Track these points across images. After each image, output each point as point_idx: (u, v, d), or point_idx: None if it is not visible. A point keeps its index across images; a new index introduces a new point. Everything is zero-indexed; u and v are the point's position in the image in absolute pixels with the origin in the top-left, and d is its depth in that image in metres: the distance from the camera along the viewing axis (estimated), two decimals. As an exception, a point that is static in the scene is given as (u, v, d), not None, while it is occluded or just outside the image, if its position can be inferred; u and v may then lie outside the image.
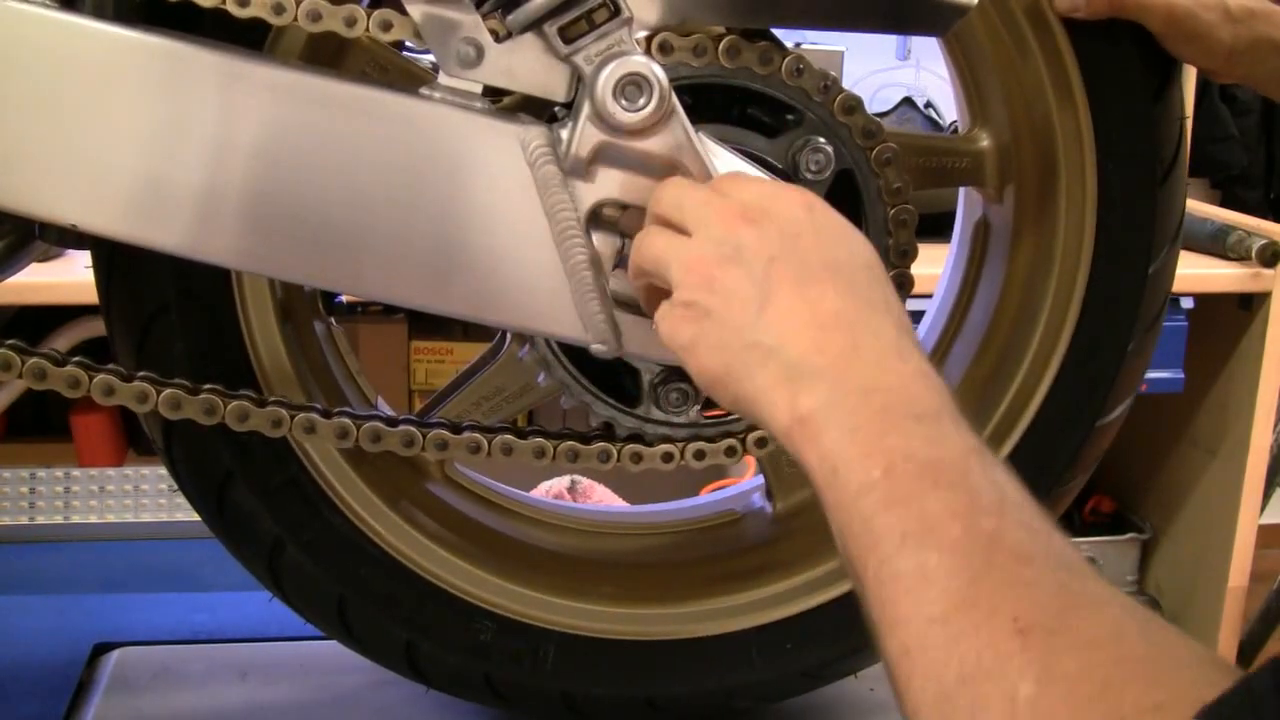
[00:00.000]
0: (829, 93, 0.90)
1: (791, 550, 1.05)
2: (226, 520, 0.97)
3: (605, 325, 0.84)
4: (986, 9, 0.94)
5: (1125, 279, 0.99)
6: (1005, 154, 1.01)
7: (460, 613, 1.00)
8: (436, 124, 0.82)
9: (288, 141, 0.81)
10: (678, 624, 1.03)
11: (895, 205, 0.92)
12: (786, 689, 1.07)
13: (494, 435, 0.93)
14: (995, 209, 1.05)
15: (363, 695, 1.11)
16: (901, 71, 2.84)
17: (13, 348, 0.85)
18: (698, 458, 0.97)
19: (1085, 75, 0.95)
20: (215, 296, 0.92)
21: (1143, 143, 0.96)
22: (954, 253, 1.10)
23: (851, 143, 0.91)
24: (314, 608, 1.00)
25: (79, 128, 0.79)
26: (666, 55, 0.85)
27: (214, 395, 0.88)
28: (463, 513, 1.06)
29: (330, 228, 0.82)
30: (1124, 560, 2.65)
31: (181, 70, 0.80)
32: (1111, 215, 0.98)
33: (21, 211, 0.81)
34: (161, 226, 0.81)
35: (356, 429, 0.91)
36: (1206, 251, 2.32)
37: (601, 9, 0.81)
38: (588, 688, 1.03)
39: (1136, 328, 1.00)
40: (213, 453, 0.94)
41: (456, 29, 0.81)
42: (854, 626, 1.03)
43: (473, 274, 0.84)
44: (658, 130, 0.82)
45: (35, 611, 1.28)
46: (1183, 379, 2.40)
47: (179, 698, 1.13)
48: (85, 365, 0.86)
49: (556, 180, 0.82)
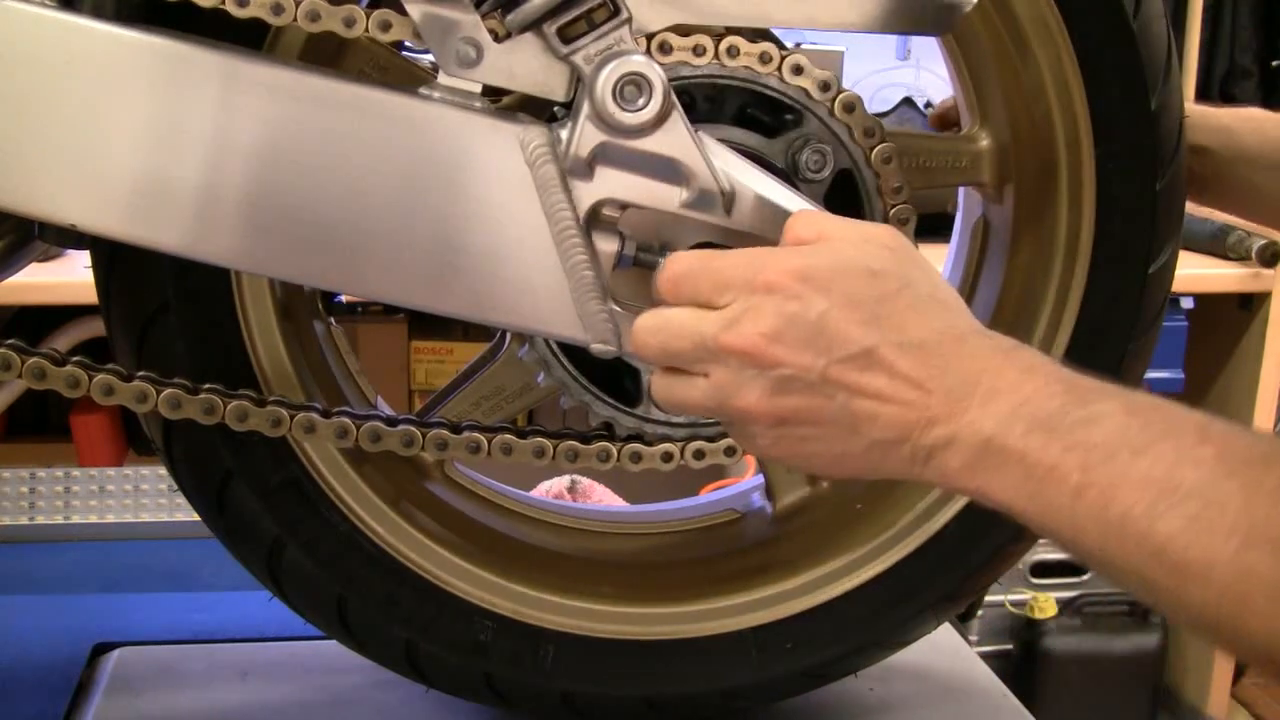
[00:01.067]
0: (828, 91, 0.90)
1: (791, 550, 1.05)
2: (226, 520, 0.97)
3: (605, 325, 0.84)
4: (986, 9, 0.94)
5: (1125, 279, 0.99)
6: (1005, 153, 1.01)
7: (460, 612, 1.00)
8: (436, 124, 0.82)
9: (287, 141, 0.81)
10: (678, 624, 1.03)
11: (895, 204, 0.92)
12: (786, 689, 1.07)
13: (494, 435, 0.94)
14: (995, 208, 1.05)
15: (363, 695, 1.11)
16: (901, 71, 2.85)
17: (12, 347, 0.85)
18: (697, 457, 0.97)
19: (1085, 75, 0.95)
20: (215, 296, 0.92)
21: (1143, 142, 0.96)
22: (953, 252, 1.11)
23: (851, 141, 0.91)
24: (314, 608, 1.00)
25: (78, 127, 0.79)
26: (666, 55, 0.85)
27: (213, 395, 0.88)
28: (463, 513, 1.06)
29: (330, 227, 0.82)
30: (1124, 560, 2.64)
31: (181, 70, 0.80)
32: (1111, 215, 0.98)
33: (21, 211, 0.81)
34: (161, 226, 0.81)
35: (356, 429, 0.91)
36: (1206, 251, 2.33)
37: (601, 9, 0.81)
38: (588, 687, 1.03)
39: (1136, 328, 1.00)
40: (213, 453, 0.94)
41: (456, 29, 0.81)
42: (854, 626, 1.04)
43: (472, 274, 0.84)
44: (657, 130, 0.82)
45: (35, 611, 1.28)
46: (1183, 379, 2.40)
47: (179, 698, 1.13)
48: (85, 365, 0.86)
49: (556, 180, 0.82)
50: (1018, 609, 2.55)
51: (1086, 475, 0.63)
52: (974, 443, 0.68)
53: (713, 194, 0.82)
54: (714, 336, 0.73)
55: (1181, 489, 0.61)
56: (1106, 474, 0.63)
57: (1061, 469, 0.65)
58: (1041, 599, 2.53)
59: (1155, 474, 0.62)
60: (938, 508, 1.03)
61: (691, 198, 0.83)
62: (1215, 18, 2.96)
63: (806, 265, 0.72)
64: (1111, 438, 0.64)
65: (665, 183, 0.83)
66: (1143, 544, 0.62)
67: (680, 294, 0.75)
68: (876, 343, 0.70)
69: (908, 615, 1.05)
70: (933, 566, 1.03)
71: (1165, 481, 0.61)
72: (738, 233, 0.83)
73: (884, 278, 0.72)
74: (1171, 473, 0.61)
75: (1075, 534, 0.65)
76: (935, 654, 1.19)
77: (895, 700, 1.14)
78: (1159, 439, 0.63)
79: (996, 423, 0.67)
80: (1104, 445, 0.64)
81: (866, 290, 0.71)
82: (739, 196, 0.83)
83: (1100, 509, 0.63)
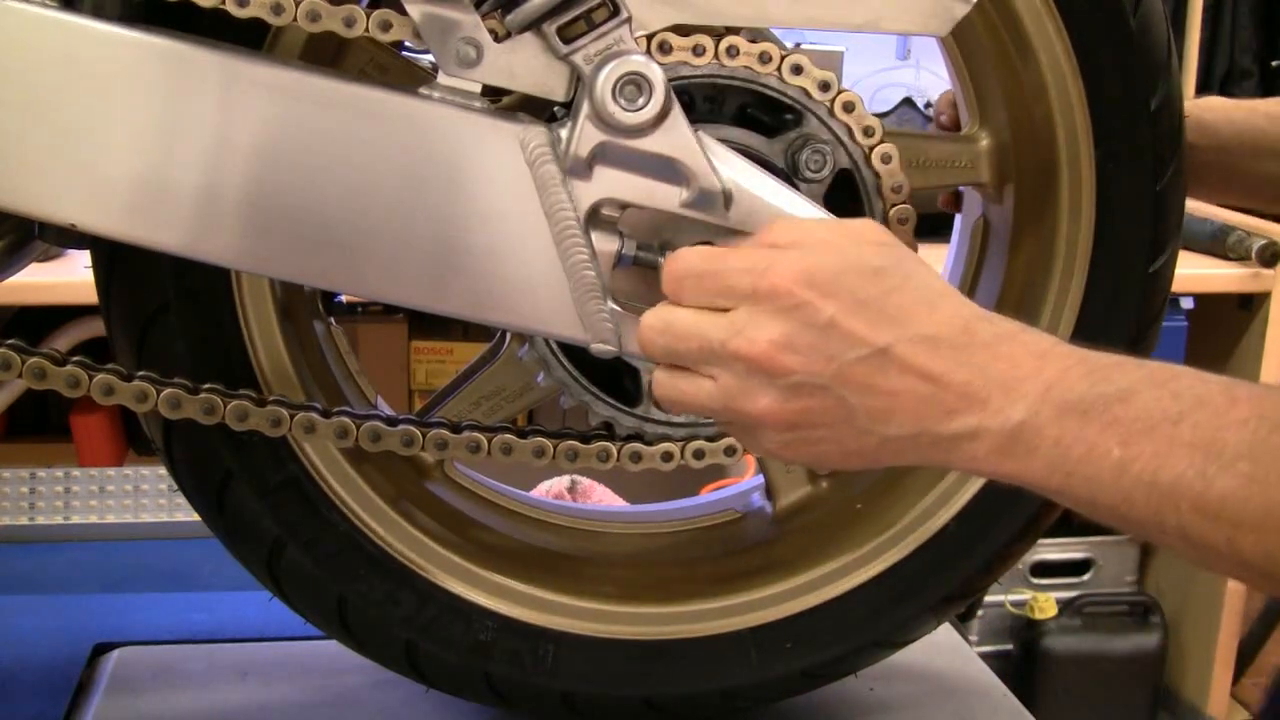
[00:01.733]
0: (828, 91, 0.90)
1: (791, 549, 1.05)
2: (227, 521, 0.97)
3: (605, 324, 0.84)
4: (986, 8, 0.94)
5: (1125, 279, 0.99)
6: (1005, 153, 1.01)
7: (460, 612, 1.00)
8: (436, 124, 0.82)
9: (287, 141, 0.81)
10: (678, 624, 1.03)
11: (895, 203, 0.92)
12: (786, 688, 1.07)
13: (494, 435, 0.94)
14: (995, 208, 1.05)
15: (363, 695, 1.11)
16: (901, 71, 2.85)
17: (13, 347, 0.85)
18: (697, 457, 0.97)
19: (1085, 74, 0.95)
20: (215, 297, 0.92)
21: (1142, 142, 0.96)
22: (953, 252, 1.11)
23: (851, 141, 0.91)
24: (314, 608, 1.00)
25: (78, 127, 0.80)
26: (666, 55, 0.85)
27: (213, 395, 0.88)
28: (463, 512, 1.06)
29: (330, 227, 0.82)
30: (1124, 560, 2.65)
31: (181, 70, 0.80)
32: (1111, 215, 0.98)
33: (21, 211, 0.81)
34: (161, 226, 0.81)
35: (356, 428, 0.91)
36: (1206, 251, 2.33)
37: (600, 8, 0.81)
38: (588, 687, 1.03)
39: (1137, 327, 1.00)
40: (213, 453, 0.94)
41: (456, 29, 0.81)
42: (854, 625, 1.04)
43: (472, 274, 0.84)
44: (657, 129, 0.82)
45: (35, 611, 1.28)
46: (1183, 379, 2.39)
47: (179, 698, 1.13)
48: (85, 365, 0.86)
49: (556, 180, 0.82)
50: (1018, 609, 2.55)
51: (1129, 449, 0.66)
52: (1004, 431, 0.69)
53: (712, 194, 0.82)
54: (722, 342, 0.73)
55: (1228, 451, 0.64)
56: (1150, 446, 0.65)
57: (1101, 446, 0.67)
58: (1041, 599, 2.54)
59: (1200, 440, 0.64)
60: (938, 507, 1.03)
61: (691, 197, 0.83)
62: (1215, 18, 2.96)
63: (810, 268, 0.72)
64: (1146, 411, 0.66)
65: (665, 182, 0.83)
66: (1199, 505, 0.64)
67: (683, 294, 0.75)
68: (889, 341, 0.71)
69: (908, 615, 1.05)
70: (933, 566, 1.03)
71: (1211, 445, 0.64)
72: (738, 232, 0.83)
73: (886, 274, 0.72)
74: (1215, 437, 0.64)
75: (1120, 503, 0.67)
76: (935, 654, 1.19)
77: (895, 700, 1.14)
78: (1193, 407, 0.65)
79: (1026, 409, 0.68)
80: (1141, 419, 0.66)
81: (871, 289, 0.71)
82: (738, 196, 0.83)
83: (1150, 477, 0.65)
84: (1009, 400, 0.69)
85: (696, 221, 0.83)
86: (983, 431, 0.70)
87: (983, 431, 0.70)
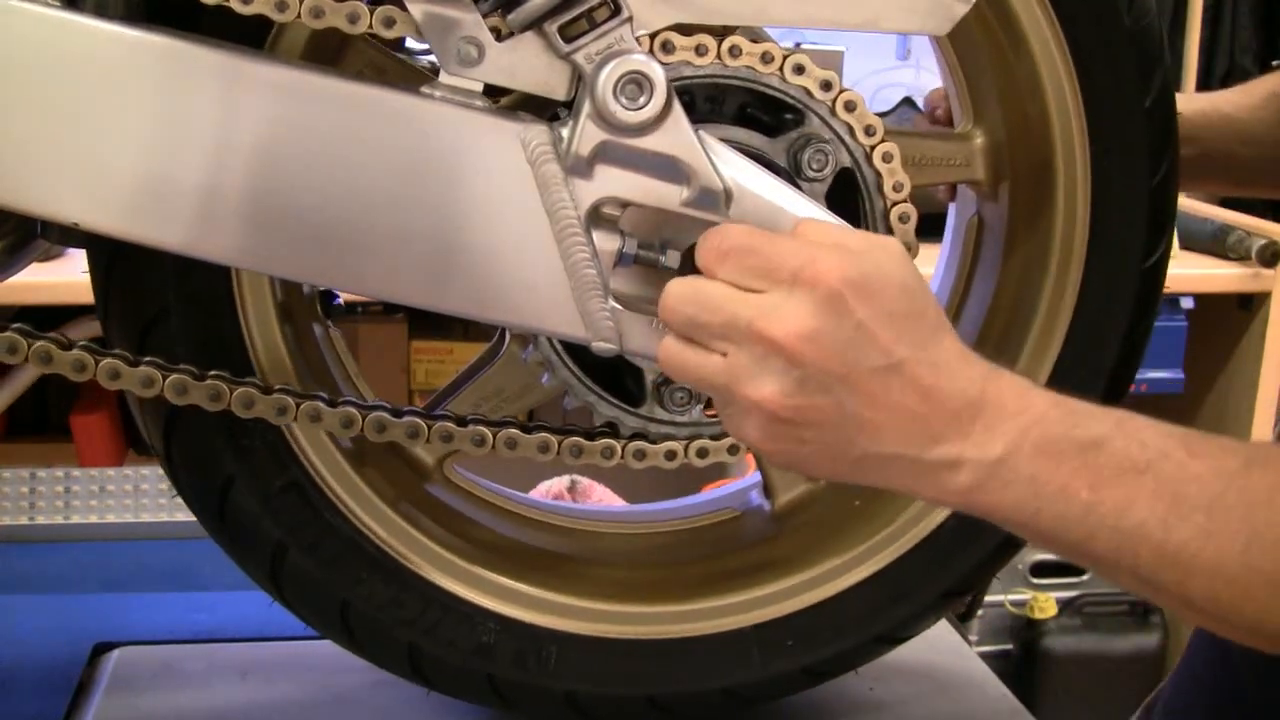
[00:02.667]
0: (830, 91, 0.90)
1: (790, 547, 1.05)
2: (228, 525, 0.96)
3: (606, 323, 0.84)
4: (981, 5, 0.94)
5: (1120, 274, 0.99)
6: (1000, 151, 1.02)
7: (463, 615, 1.00)
8: (437, 122, 0.82)
9: (289, 139, 0.81)
10: (679, 623, 1.03)
11: (896, 202, 0.92)
12: (788, 686, 1.07)
13: (499, 429, 0.94)
14: (989, 206, 1.05)
15: (363, 695, 1.11)
16: (901, 71, 2.85)
17: (19, 331, 0.85)
18: (701, 455, 0.97)
19: (1080, 72, 0.95)
20: (216, 300, 0.92)
21: (1137, 138, 0.97)
22: (946, 250, 1.11)
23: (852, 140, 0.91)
24: (316, 612, 1.00)
25: (81, 126, 0.80)
26: (668, 54, 0.85)
27: (219, 381, 0.88)
28: (464, 514, 1.06)
29: (331, 225, 0.82)
30: (1124, 560, 2.64)
31: (183, 69, 0.80)
32: (1106, 210, 0.98)
33: (24, 209, 0.81)
34: (163, 224, 0.81)
35: (362, 418, 0.91)
36: (1206, 251, 2.32)
37: (602, 7, 0.81)
38: (590, 687, 1.03)
39: (1132, 322, 1.01)
40: (214, 457, 0.94)
41: (457, 27, 0.81)
42: (854, 622, 1.04)
43: (473, 272, 0.84)
44: (658, 129, 0.82)
45: (35, 611, 1.28)
46: (1183, 379, 2.39)
47: (179, 697, 1.12)
48: (91, 349, 0.86)
49: (557, 179, 0.83)
50: (1018, 609, 2.55)
51: (1096, 494, 0.71)
52: (984, 463, 0.72)
53: (714, 192, 0.82)
54: (749, 320, 0.72)
55: (1188, 503, 0.70)
56: (1118, 493, 0.70)
57: (1071, 488, 0.71)
58: (1041, 599, 2.53)
59: (1163, 491, 0.70)
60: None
61: (692, 196, 0.83)
62: (1215, 18, 2.95)
63: (857, 272, 0.72)
64: (1114, 459, 0.71)
65: (666, 181, 0.83)
66: (1157, 550, 0.70)
67: (725, 267, 0.74)
68: (904, 357, 0.72)
69: (909, 610, 1.05)
70: (932, 562, 1.04)
71: (1173, 497, 0.70)
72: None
73: (913, 294, 0.74)
74: (1177, 490, 0.70)
75: (1084, 539, 0.72)
76: (935, 653, 1.20)
77: (895, 699, 1.14)
78: (1157, 459, 0.71)
79: (1005, 445, 0.72)
80: (1109, 467, 0.71)
81: (901, 304, 0.73)
82: (739, 195, 0.83)
83: (1114, 520, 0.71)
84: (990, 436, 0.72)
85: (698, 220, 0.83)
86: (964, 462, 0.72)
87: (964, 462, 0.72)
